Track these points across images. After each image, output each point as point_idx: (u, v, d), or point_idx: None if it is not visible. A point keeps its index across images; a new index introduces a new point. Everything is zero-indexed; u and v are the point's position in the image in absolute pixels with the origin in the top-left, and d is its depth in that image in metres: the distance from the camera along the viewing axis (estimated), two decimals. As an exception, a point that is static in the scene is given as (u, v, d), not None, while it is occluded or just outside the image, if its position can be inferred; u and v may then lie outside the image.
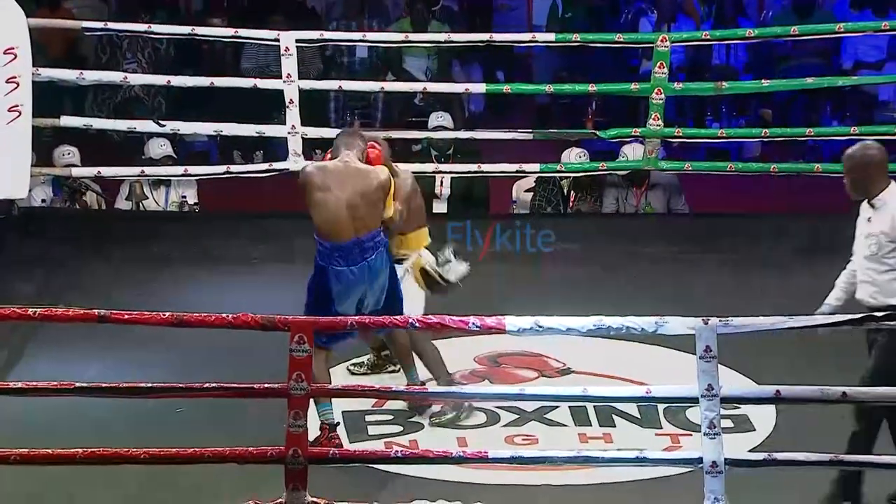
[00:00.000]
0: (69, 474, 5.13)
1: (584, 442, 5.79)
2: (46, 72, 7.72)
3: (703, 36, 8.48)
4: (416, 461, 5.23)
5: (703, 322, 4.91)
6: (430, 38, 9.12)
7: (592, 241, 7.86)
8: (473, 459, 5.11)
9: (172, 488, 5.16)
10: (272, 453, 4.94)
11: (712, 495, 4.90)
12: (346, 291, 5.63)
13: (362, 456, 5.20)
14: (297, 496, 4.91)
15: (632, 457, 5.10)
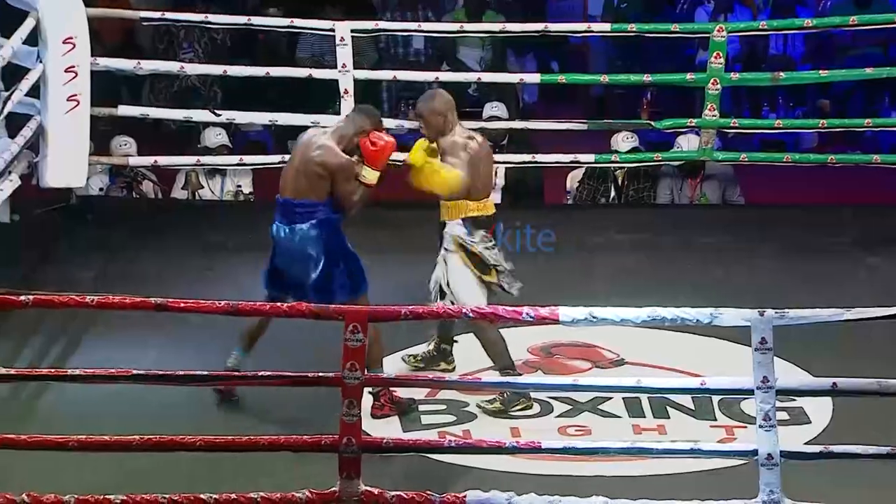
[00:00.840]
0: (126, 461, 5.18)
1: (637, 433, 5.77)
2: (104, 61, 7.78)
3: (760, 26, 8.42)
4: (469, 451, 5.24)
5: (759, 314, 4.88)
6: (485, 28, 9.12)
7: (646, 231, 7.83)
8: (526, 450, 5.12)
9: (227, 476, 5.20)
10: (326, 441, 4.96)
11: (767, 488, 4.87)
12: (274, 247, 5.88)
13: (416, 445, 5.21)
14: (351, 485, 4.93)
15: (686, 448, 5.07)
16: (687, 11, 10.62)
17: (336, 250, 5.83)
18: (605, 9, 11.03)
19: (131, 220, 7.84)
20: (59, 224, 7.73)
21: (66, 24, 7.19)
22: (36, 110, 7.25)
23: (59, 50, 7.15)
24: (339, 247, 5.83)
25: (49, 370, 5.84)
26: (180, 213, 8.12)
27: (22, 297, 4.92)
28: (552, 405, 5.95)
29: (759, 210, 8.41)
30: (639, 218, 8.08)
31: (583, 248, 7.61)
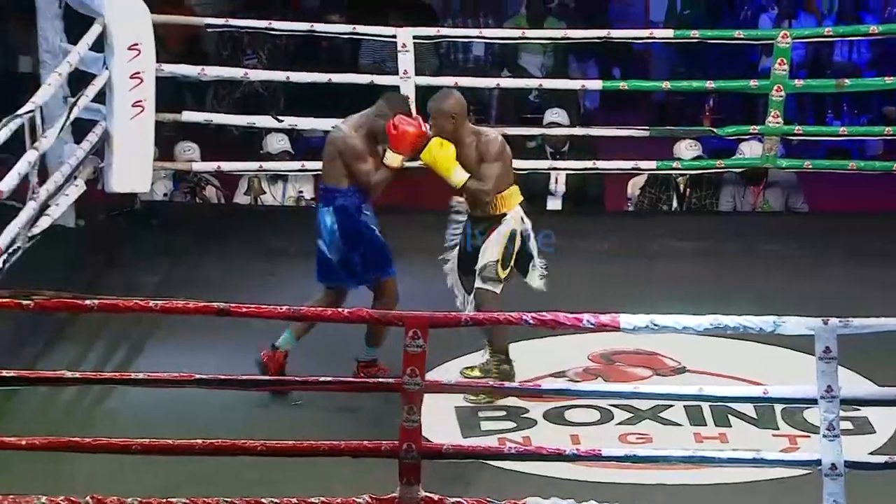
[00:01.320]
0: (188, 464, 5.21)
1: (699, 442, 5.73)
2: (169, 67, 7.86)
3: (825, 32, 8.36)
4: (530, 458, 5.22)
5: (823, 322, 4.83)
6: (547, 34, 9.11)
7: (708, 239, 7.78)
8: (587, 457, 5.09)
9: (288, 480, 5.22)
10: (386, 447, 4.97)
11: (831, 498, 4.82)
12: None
13: (475, 452, 5.20)
14: (411, 491, 4.93)
15: (748, 457, 5.04)
16: (750, 17, 10.57)
17: (352, 235, 5.98)
18: (667, 15, 10.99)
19: (194, 226, 7.90)
20: (123, 229, 7.80)
21: (132, 31, 7.26)
22: (102, 116, 7.33)
23: (125, 56, 7.22)
24: (356, 231, 5.98)
25: (113, 374, 5.91)
26: (242, 218, 8.17)
27: (87, 302, 4.97)
28: (613, 413, 5.92)
29: (823, 218, 8.34)
30: (701, 225, 8.04)
31: (644, 256, 7.57)
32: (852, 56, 10.27)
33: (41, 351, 6.32)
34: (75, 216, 7.55)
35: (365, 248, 6.01)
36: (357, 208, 6.01)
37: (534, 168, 8.17)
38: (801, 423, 5.77)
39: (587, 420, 5.90)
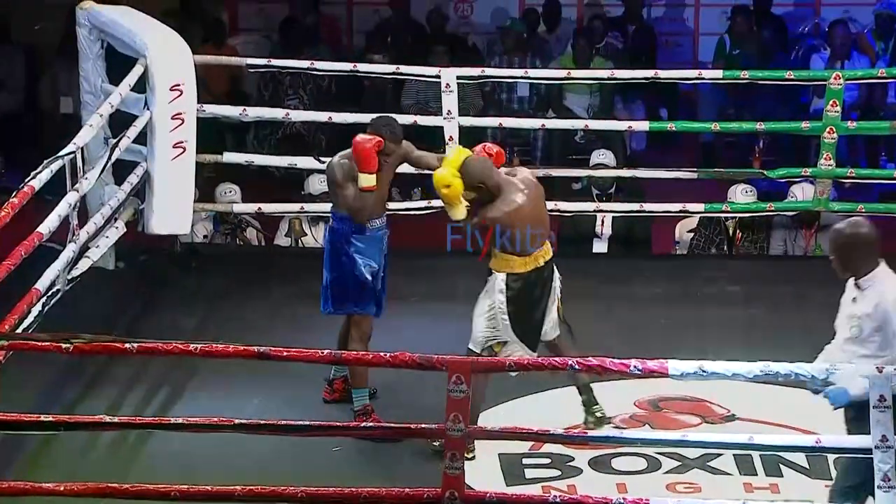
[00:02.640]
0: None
1: (749, 492, 5.70)
2: (210, 108, 7.95)
3: (878, 73, 8.33)
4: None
5: (878, 370, 4.81)
6: (593, 74, 9.12)
7: (759, 283, 7.76)
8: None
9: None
10: (429, 495, 4.97)
11: (885, 551, 4.79)
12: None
13: (520, 500, 5.19)
14: (454, 539, 4.93)
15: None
16: (802, 58, 10.54)
17: (332, 259, 6.17)
18: (716, 55, 10.99)
19: (235, 268, 7.95)
20: (163, 271, 7.86)
21: (174, 71, 7.34)
22: (143, 157, 7.40)
23: (167, 97, 7.29)
24: (336, 257, 6.13)
25: (152, 418, 5.94)
26: (283, 260, 8.22)
27: (127, 345, 5.02)
28: (660, 461, 5.90)
29: (877, 263, 8.27)
30: (751, 269, 8.01)
31: (693, 300, 7.56)
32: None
33: (81, 395, 6.36)
34: (115, 258, 7.61)
35: (337, 275, 6.14)
36: (346, 236, 6.13)
37: (580, 210, 8.18)
38: (855, 474, 5.72)
39: (634, 468, 5.88)
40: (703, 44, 11.91)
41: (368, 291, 6.17)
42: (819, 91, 8.54)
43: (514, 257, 5.92)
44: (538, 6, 11.78)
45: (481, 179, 5.88)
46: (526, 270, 5.94)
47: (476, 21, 12.31)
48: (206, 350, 5.07)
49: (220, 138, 9.75)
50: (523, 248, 5.91)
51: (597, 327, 7.15)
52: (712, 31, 11.63)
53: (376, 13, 12.08)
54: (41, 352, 5.12)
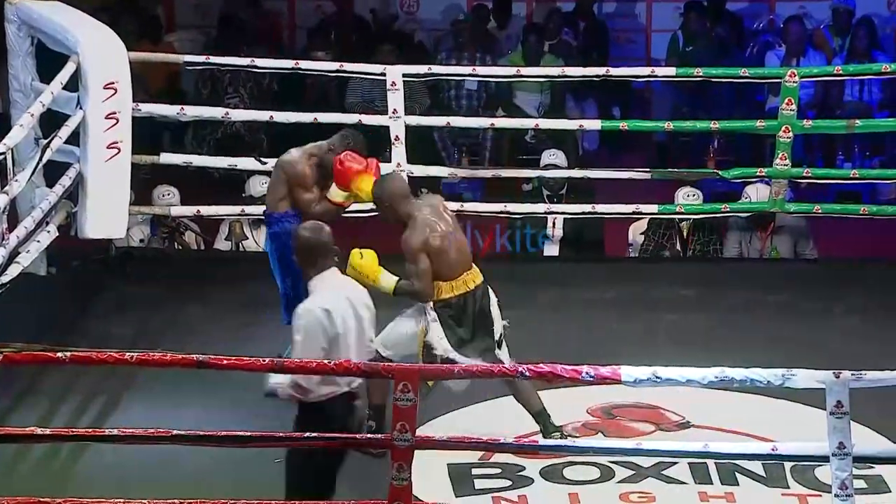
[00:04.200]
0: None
1: (704, 501, 5.74)
2: (146, 107, 7.90)
3: (835, 71, 8.40)
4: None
5: (834, 375, 4.85)
6: (544, 72, 9.15)
7: (713, 287, 7.81)
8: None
9: (271, 541, 5.22)
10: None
11: (843, 561, 4.83)
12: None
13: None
14: (401, 553, 4.93)
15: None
16: (757, 55, 10.62)
17: (283, 263, 6.26)
18: (669, 52, 11.05)
19: (173, 273, 7.91)
20: (97, 277, 7.81)
21: (108, 69, 7.29)
22: (75, 158, 7.35)
23: (101, 95, 7.24)
24: (287, 261, 6.08)
25: (87, 430, 5.90)
26: (223, 265, 8.19)
27: (59, 354, 4.98)
28: (614, 470, 5.93)
29: (834, 264, 8.36)
30: (705, 272, 8.06)
31: (646, 304, 7.59)
32: (863, 96, 10.30)
33: (11, 406, 6.31)
34: (47, 264, 7.56)
35: (292, 279, 6.22)
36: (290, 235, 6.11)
37: (530, 212, 8.21)
38: (813, 482, 5.77)
39: (587, 478, 5.90)
40: (656, 41, 11.98)
41: None
42: (774, 89, 8.59)
43: (440, 283, 5.98)
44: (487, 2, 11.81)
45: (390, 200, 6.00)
46: (454, 295, 6.00)
47: (422, 17, 12.32)
48: (143, 359, 5.04)
49: (156, 138, 9.70)
50: (450, 273, 5.98)
51: (548, 333, 7.18)
52: (665, 28, 11.69)
53: (319, 9, 12.06)
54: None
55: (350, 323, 5.10)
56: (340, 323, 5.06)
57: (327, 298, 5.09)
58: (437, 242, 5.97)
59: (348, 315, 5.10)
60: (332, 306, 5.06)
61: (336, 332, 5.05)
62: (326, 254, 5.17)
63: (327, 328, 5.04)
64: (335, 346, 5.06)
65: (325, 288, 5.14)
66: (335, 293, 5.12)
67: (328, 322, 5.04)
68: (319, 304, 5.07)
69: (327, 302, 5.07)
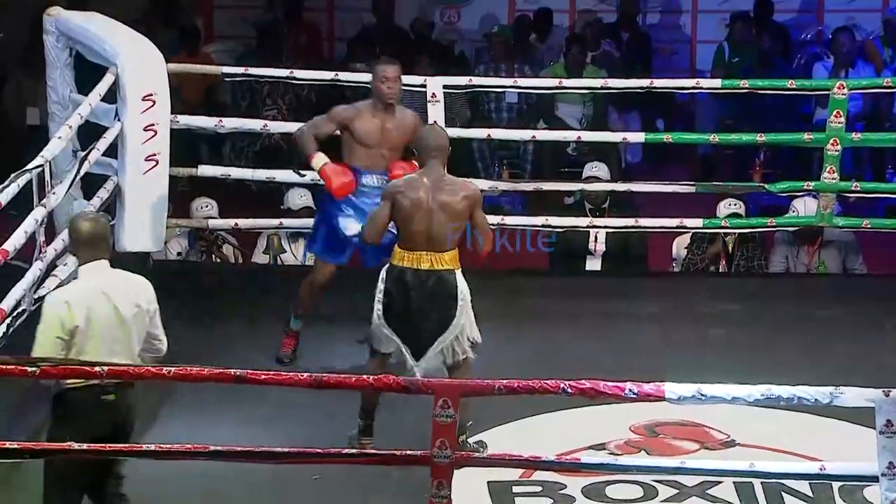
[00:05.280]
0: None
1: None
2: (184, 119, 7.94)
3: (884, 82, 8.33)
4: (568, 537, 5.22)
5: (884, 394, 4.83)
6: (586, 83, 9.14)
7: (759, 302, 7.78)
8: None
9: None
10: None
11: (892, 583, 4.80)
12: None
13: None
14: (441, 570, 4.93)
15: (803, 539, 5.03)
16: (804, 66, 10.59)
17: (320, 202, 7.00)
18: (714, 63, 11.04)
19: (211, 286, 7.95)
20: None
21: (146, 81, 7.33)
22: (113, 170, 7.39)
23: (139, 107, 7.29)
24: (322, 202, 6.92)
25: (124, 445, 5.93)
26: (261, 278, 8.22)
27: (96, 368, 5.01)
28: (657, 489, 5.91)
29: (884, 281, 8.32)
30: (751, 287, 8.04)
31: (690, 319, 7.57)
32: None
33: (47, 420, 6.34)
34: (84, 276, 7.58)
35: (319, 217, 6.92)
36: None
37: (572, 226, 8.19)
38: (861, 502, 5.74)
39: (629, 497, 5.89)
40: (701, 52, 11.97)
41: (338, 242, 6.71)
42: (822, 101, 8.57)
43: (397, 246, 6.03)
44: (529, 12, 11.83)
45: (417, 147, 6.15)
46: (400, 264, 5.99)
47: (463, 28, 12.36)
48: (180, 373, 5.07)
49: (194, 150, 9.76)
50: (405, 242, 5.99)
51: (590, 348, 7.18)
52: (710, 39, 11.68)
53: (359, 20, 12.11)
54: (5, 375, 5.11)
55: (99, 317, 5.10)
56: (83, 316, 5.07)
57: (73, 291, 5.14)
58: (404, 202, 5.97)
59: (100, 309, 5.10)
60: (75, 299, 5.09)
61: (75, 325, 5.06)
62: (96, 245, 5.19)
63: (65, 320, 5.06)
64: (77, 338, 5.07)
65: (83, 279, 5.18)
66: (88, 286, 5.14)
67: (67, 314, 5.06)
68: (62, 296, 5.14)
69: (72, 294, 5.12)
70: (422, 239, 5.98)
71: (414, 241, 5.99)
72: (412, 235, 5.99)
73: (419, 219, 5.97)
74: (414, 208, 5.97)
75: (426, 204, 5.97)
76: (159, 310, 5.36)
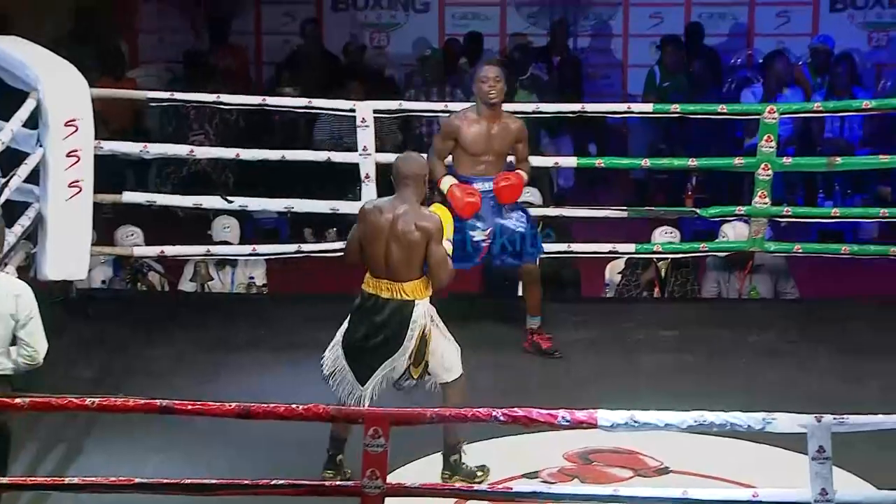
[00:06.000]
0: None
1: (684, 549, 5.72)
2: (109, 145, 7.88)
3: (814, 107, 8.42)
4: (501, 568, 5.20)
5: (816, 420, 4.86)
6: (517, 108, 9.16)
7: (691, 328, 7.82)
8: (563, 566, 5.08)
9: None
10: (344, 557, 4.95)
11: None
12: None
13: (442, 561, 5.18)
14: None
15: (737, 566, 5.04)
16: (735, 91, 10.69)
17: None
18: (646, 88, 11.12)
19: (136, 315, 7.88)
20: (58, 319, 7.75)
21: (69, 106, 7.28)
22: (35, 197, 7.32)
23: (61, 133, 7.23)
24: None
25: (46, 478, 5.85)
26: (189, 307, 8.16)
27: (17, 400, 4.95)
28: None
29: (815, 305, 8.39)
30: (684, 313, 8.08)
31: (623, 346, 7.60)
32: (844, 132, 10.38)
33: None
34: (5, 306, 7.50)
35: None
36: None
37: (504, 251, 8.19)
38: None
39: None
40: (633, 76, 12.06)
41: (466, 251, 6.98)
42: (753, 126, 8.64)
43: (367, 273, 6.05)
44: (459, 36, 11.87)
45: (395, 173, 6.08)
46: (366, 289, 6.01)
47: (393, 52, 12.38)
48: (104, 405, 5.02)
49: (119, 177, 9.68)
50: (369, 266, 6.00)
51: (522, 376, 7.18)
52: (642, 63, 11.77)
53: (287, 44, 12.10)
54: None
55: None
56: None
57: None
58: (366, 227, 5.98)
59: None
60: None
61: None
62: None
63: None
64: None
65: None
66: None
67: None
68: None
69: None
70: (381, 266, 5.98)
71: (375, 268, 6.00)
72: (373, 261, 6.00)
73: (378, 246, 5.97)
74: (373, 234, 5.98)
75: (385, 232, 5.97)
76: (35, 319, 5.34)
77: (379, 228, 5.96)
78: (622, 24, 12.39)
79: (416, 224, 5.96)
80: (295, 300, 8.29)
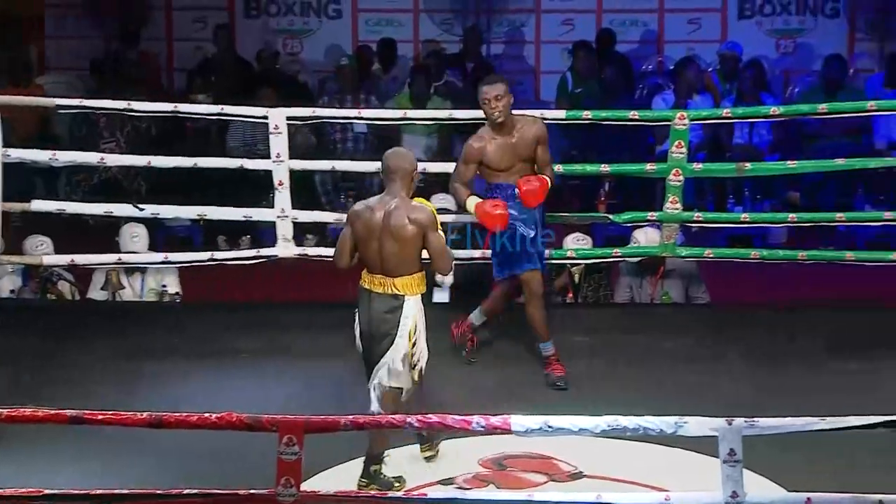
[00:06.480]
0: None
1: (597, 553, 5.75)
2: (16, 152, 7.79)
3: (723, 113, 8.50)
4: (416, 574, 5.20)
5: (727, 423, 4.91)
6: (431, 114, 9.19)
7: (604, 333, 7.87)
8: (478, 572, 5.09)
9: None
10: (259, 566, 4.92)
11: None
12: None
13: (357, 569, 5.17)
14: None
15: (650, 569, 5.08)
16: (646, 98, 10.77)
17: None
18: (558, 94, 11.17)
19: (46, 325, 7.80)
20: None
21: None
22: (-59, 206, 7.23)
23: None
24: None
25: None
26: (99, 316, 8.09)
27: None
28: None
29: (726, 310, 8.48)
30: (597, 318, 8.13)
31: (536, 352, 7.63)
32: (753, 138, 10.50)
33: None
34: None
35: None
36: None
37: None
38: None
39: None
40: (545, 82, 12.11)
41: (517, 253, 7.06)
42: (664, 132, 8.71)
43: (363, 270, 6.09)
44: (372, 43, 11.86)
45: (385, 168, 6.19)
46: (362, 285, 6.05)
47: (306, 58, 12.35)
48: (12, 415, 4.96)
49: (28, 185, 9.58)
50: (366, 263, 6.04)
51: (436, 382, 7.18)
52: (554, 69, 11.83)
53: (199, 50, 12.03)
54: None
55: None
56: None
57: None
58: (358, 226, 6.03)
59: None
60: None
61: None
62: None
63: None
64: None
65: None
66: None
67: None
68: None
69: None
70: (376, 263, 6.02)
71: (370, 265, 6.04)
72: (367, 259, 6.04)
73: (371, 243, 6.01)
74: (366, 232, 6.02)
75: (377, 229, 6.01)
76: None
77: (372, 226, 6.01)
78: (535, 30, 12.44)
79: (408, 217, 6.02)
80: (209, 308, 8.25)
